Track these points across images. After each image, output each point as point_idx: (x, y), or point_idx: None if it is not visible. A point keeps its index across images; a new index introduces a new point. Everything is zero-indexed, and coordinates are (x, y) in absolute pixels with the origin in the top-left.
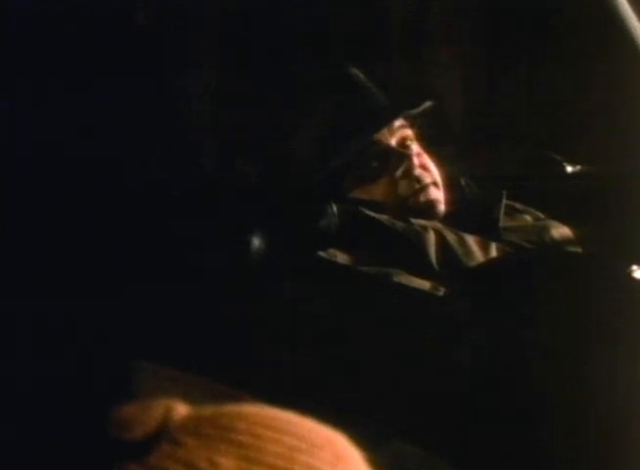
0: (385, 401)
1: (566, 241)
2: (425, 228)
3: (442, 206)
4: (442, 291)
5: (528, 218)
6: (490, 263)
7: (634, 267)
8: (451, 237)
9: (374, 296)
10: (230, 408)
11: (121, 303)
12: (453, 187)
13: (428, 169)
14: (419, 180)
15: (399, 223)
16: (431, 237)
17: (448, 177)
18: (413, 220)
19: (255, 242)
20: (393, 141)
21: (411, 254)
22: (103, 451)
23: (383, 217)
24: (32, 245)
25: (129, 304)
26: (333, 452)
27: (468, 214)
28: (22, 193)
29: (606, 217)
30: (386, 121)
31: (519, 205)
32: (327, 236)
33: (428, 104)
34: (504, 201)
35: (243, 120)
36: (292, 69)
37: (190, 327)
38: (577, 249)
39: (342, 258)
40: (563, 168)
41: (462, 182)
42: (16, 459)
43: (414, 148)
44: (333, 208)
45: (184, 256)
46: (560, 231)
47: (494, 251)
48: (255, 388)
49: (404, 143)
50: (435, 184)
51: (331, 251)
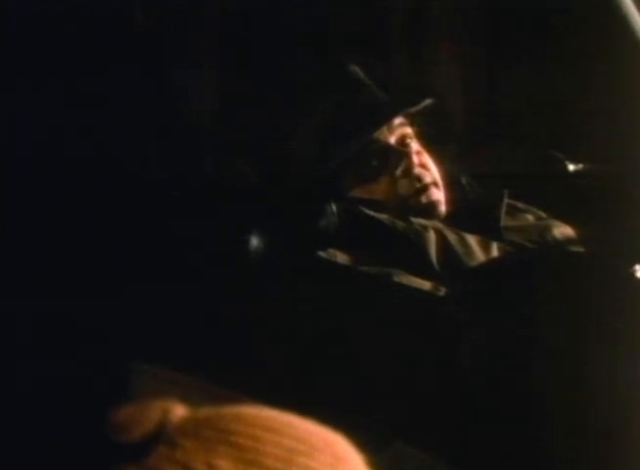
0: (385, 402)
1: (567, 241)
2: (425, 228)
3: (443, 206)
4: (443, 291)
5: (530, 218)
6: (491, 263)
7: (637, 267)
8: (452, 237)
9: (374, 296)
10: (228, 410)
11: (121, 303)
12: (454, 186)
13: (428, 168)
14: (419, 179)
15: (400, 223)
16: (431, 237)
17: (449, 176)
18: (413, 220)
19: (254, 242)
20: (393, 139)
21: (411, 253)
22: (101, 453)
23: (383, 217)
24: (32, 245)
25: (129, 304)
26: (332, 454)
27: (469, 214)
28: (22, 193)
29: (608, 217)
30: (385, 119)
31: (520, 204)
32: (326, 236)
33: (427, 102)
34: (505, 200)
35: (243, 120)
36: (292, 69)
37: (189, 327)
38: (579, 248)
39: (341, 258)
40: (565, 167)
41: (463, 181)
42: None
43: (414, 146)
44: (332, 207)
45: (184, 256)
46: (562, 231)
47: (495, 250)
48: (255, 388)
49: (404, 141)
50: (436, 184)
51: (330, 251)
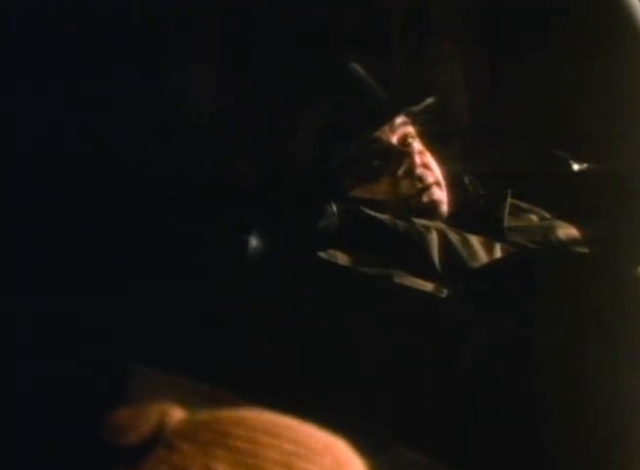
0: (385, 402)
1: (571, 241)
2: (427, 228)
3: (445, 206)
4: (445, 292)
5: (534, 218)
6: (494, 264)
7: None
8: (454, 237)
9: (375, 297)
10: (227, 413)
11: (121, 303)
12: (456, 186)
13: (430, 168)
14: (421, 179)
15: (401, 223)
16: (433, 237)
17: (451, 176)
18: (415, 220)
19: (253, 242)
20: (394, 139)
21: (413, 254)
22: (98, 456)
23: (384, 217)
24: (32, 245)
25: (129, 304)
26: (332, 459)
27: (471, 214)
28: (22, 193)
29: (612, 217)
30: (386, 118)
31: (524, 204)
32: (327, 236)
33: (429, 100)
34: (509, 200)
35: (243, 120)
36: (292, 69)
37: (189, 327)
38: (583, 249)
39: (342, 259)
40: (569, 166)
41: (465, 181)
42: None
43: (416, 146)
44: (333, 207)
45: (184, 256)
46: (566, 231)
47: (499, 251)
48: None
49: (406, 141)
50: (438, 184)
51: (331, 251)
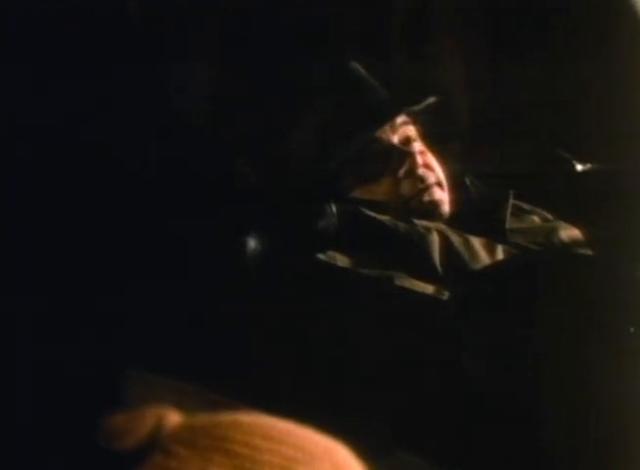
0: (385, 406)
1: (574, 243)
2: (428, 230)
3: (447, 206)
4: (446, 294)
5: (536, 219)
6: (495, 266)
7: None
8: (456, 239)
9: (375, 300)
10: (225, 417)
11: (121, 303)
12: (457, 186)
13: (431, 168)
14: (422, 180)
15: (402, 224)
16: (434, 239)
17: (452, 176)
18: (416, 221)
19: (252, 243)
20: (396, 139)
21: (414, 256)
22: (94, 461)
23: (384, 218)
24: (32, 245)
25: (129, 304)
26: (332, 463)
27: (473, 215)
28: (22, 193)
29: (615, 218)
30: (388, 117)
31: (526, 205)
32: (326, 237)
33: (430, 100)
34: (511, 201)
35: (242, 120)
36: (292, 68)
37: (187, 328)
38: (586, 250)
39: (341, 261)
40: (572, 167)
41: (467, 181)
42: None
43: (417, 146)
44: (332, 208)
45: (184, 256)
46: (568, 233)
47: (500, 253)
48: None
49: (407, 141)
50: (440, 184)
51: (330, 253)
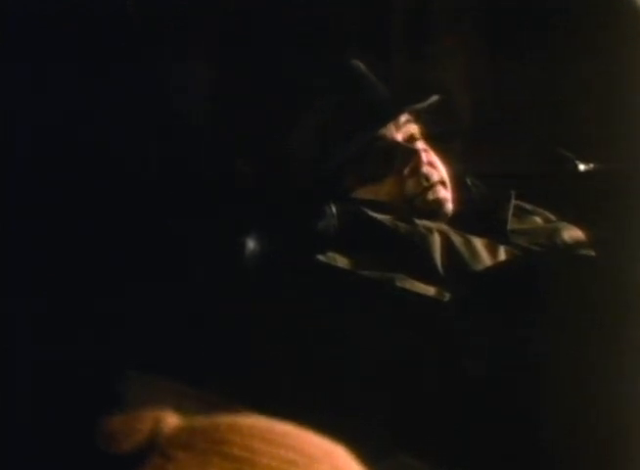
0: (385, 408)
1: (576, 244)
2: (430, 230)
3: (450, 204)
4: (447, 296)
5: (538, 220)
6: (497, 267)
7: None
8: (457, 240)
9: (375, 301)
10: (224, 420)
11: (121, 303)
12: (459, 186)
13: (435, 167)
14: (427, 178)
15: (403, 225)
16: (436, 239)
17: (454, 176)
18: (418, 222)
19: (251, 244)
20: (400, 137)
21: (415, 257)
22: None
23: (385, 218)
24: (32, 245)
25: (127, 305)
26: (332, 466)
27: (474, 216)
28: (22, 193)
29: (617, 218)
30: (393, 115)
31: (528, 205)
32: (326, 238)
33: (434, 98)
34: (513, 201)
35: (242, 120)
36: (292, 68)
37: (186, 329)
38: (588, 251)
39: (341, 262)
40: (575, 167)
41: (468, 181)
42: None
43: (420, 144)
44: (332, 208)
45: (183, 256)
46: (571, 234)
47: (502, 254)
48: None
49: (411, 139)
50: (443, 182)
51: (330, 254)
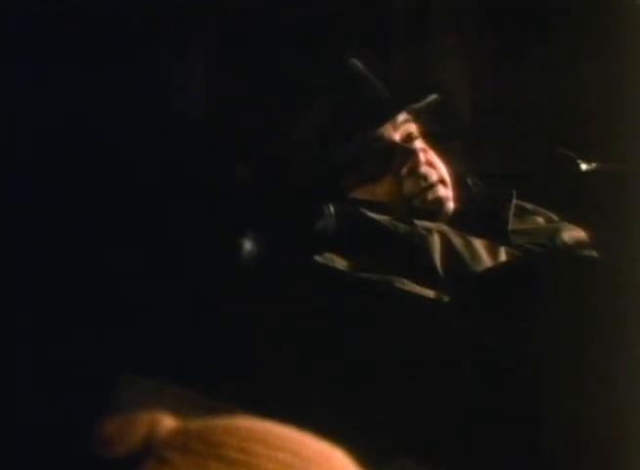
0: (386, 409)
1: (577, 244)
2: (429, 231)
3: (451, 204)
4: (447, 298)
5: (540, 220)
6: (497, 269)
7: None
8: (457, 241)
9: (374, 302)
10: (220, 423)
11: (120, 303)
12: (459, 186)
13: (434, 166)
14: (425, 178)
15: (402, 226)
16: (435, 240)
17: (454, 176)
18: (417, 222)
19: (248, 244)
20: (398, 136)
21: (414, 258)
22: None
23: (384, 219)
24: (32, 245)
25: (128, 304)
26: (330, 469)
27: (475, 216)
28: (22, 193)
29: (618, 218)
30: (390, 114)
31: (529, 205)
32: (323, 239)
33: (432, 97)
34: (514, 201)
35: (242, 120)
36: (292, 68)
37: (182, 330)
38: (589, 252)
39: (339, 263)
40: (577, 166)
41: (468, 181)
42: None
43: (419, 144)
44: (330, 208)
45: (183, 256)
46: (572, 234)
47: (503, 255)
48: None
49: (409, 139)
50: (443, 182)
51: (328, 255)
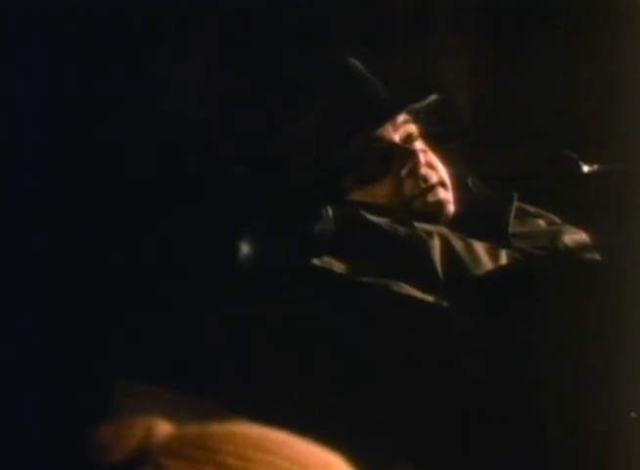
0: (386, 414)
1: (578, 247)
2: (429, 234)
3: (452, 206)
4: (447, 302)
5: (541, 223)
6: (497, 272)
7: None
8: (458, 243)
9: (373, 305)
10: (217, 428)
11: (120, 303)
12: (460, 188)
13: (434, 168)
14: (425, 179)
15: (401, 228)
16: (435, 243)
17: (454, 177)
18: (417, 225)
19: (244, 247)
20: (397, 137)
21: (414, 261)
22: None
23: (383, 221)
24: (32, 245)
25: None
26: None
27: (476, 218)
28: (22, 193)
29: (619, 220)
30: (390, 114)
31: (531, 207)
32: (321, 242)
33: (432, 97)
34: (515, 203)
35: (242, 120)
36: (292, 68)
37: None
38: (590, 255)
39: (337, 267)
40: (578, 168)
41: (469, 183)
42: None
43: (419, 144)
44: (328, 211)
45: (182, 257)
46: (573, 237)
47: (504, 258)
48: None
49: (409, 139)
50: (443, 184)
51: (326, 258)
